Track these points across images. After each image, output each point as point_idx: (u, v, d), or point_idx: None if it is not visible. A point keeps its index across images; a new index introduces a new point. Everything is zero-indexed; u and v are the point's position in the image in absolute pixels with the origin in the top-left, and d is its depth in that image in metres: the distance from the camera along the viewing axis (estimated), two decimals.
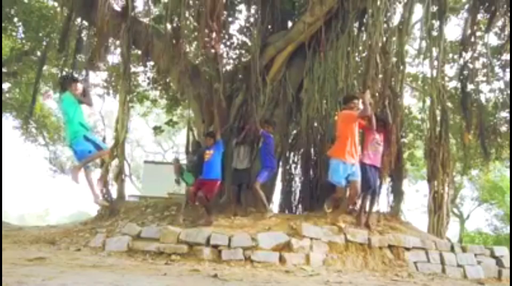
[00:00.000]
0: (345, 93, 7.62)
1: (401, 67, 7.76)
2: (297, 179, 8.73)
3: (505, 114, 11.17)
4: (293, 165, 8.87)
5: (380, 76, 7.43)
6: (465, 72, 9.00)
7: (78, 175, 5.20)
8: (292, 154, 8.94)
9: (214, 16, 7.32)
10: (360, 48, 8.45)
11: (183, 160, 11.03)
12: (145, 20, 9.39)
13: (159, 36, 8.68)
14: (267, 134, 7.22)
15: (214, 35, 7.75)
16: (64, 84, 5.45)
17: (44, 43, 11.79)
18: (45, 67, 12.71)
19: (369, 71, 7.17)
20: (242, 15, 10.52)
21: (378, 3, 7.49)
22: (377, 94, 7.33)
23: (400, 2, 8.93)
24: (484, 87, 10.92)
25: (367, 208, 6.36)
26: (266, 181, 7.35)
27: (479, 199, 23.34)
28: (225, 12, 9.69)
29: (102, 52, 8.41)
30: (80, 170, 5.23)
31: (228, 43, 10.53)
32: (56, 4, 11.11)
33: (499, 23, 9.48)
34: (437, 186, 7.75)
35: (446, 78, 10.33)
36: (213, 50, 8.22)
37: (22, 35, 12.16)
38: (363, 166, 5.95)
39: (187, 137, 9.39)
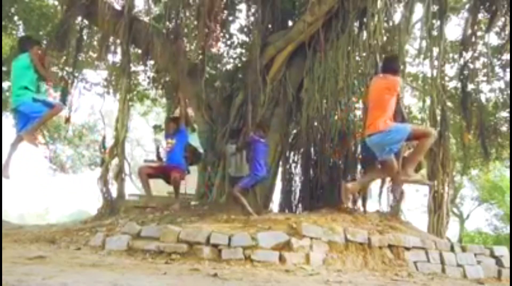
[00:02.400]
0: (346, 92, 7.63)
1: (401, 67, 7.75)
2: (297, 178, 8.73)
3: (505, 114, 11.18)
4: (293, 165, 8.87)
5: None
6: (465, 72, 9.00)
7: (35, 137, 4.79)
8: (292, 153, 8.94)
9: (212, 16, 7.32)
10: (361, 47, 8.45)
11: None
12: (145, 19, 9.40)
13: (159, 35, 8.68)
14: (256, 139, 6.93)
15: (213, 34, 7.75)
16: (25, 45, 4.85)
17: (45, 41, 11.78)
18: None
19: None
20: (242, 14, 10.53)
21: (379, 2, 7.50)
22: None
23: (400, 2, 8.93)
24: (484, 87, 10.94)
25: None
26: (255, 186, 7.16)
27: (479, 199, 23.38)
28: (225, 11, 9.70)
29: (102, 51, 8.41)
30: (36, 132, 4.83)
31: (228, 42, 10.54)
32: (56, 2, 11.12)
33: (500, 23, 9.48)
34: (437, 186, 7.76)
35: (446, 78, 10.34)
36: (213, 49, 8.23)
37: (23, 34, 12.14)
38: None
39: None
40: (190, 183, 8.85)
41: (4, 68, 13.07)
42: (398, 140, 5.26)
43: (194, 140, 6.96)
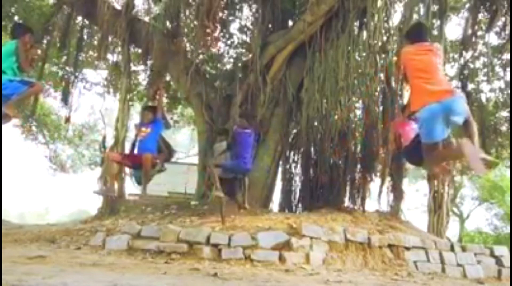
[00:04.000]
0: (346, 92, 7.63)
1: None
2: (297, 178, 8.73)
3: (505, 113, 11.17)
4: (293, 165, 8.87)
5: (381, 75, 7.44)
6: (466, 72, 9.01)
7: (13, 111, 4.70)
8: (292, 153, 8.94)
9: (211, 16, 7.32)
10: (361, 47, 8.45)
11: None
12: (145, 18, 9.39)
13: (159, 34, 8.68)
14: (239, 131, 6.49)
15: (212, 34, 7.75)
16: (17, 31, 4.72)
17: (45, 41, 11.78)
18: (45, 65, 12.70)
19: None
20: (243, 14, 10.53)
21: (379, 2, 7.50)
22: (376, 93, 7.34)
23: (400, 1, 8.93)
24: (484, 86, 10.92)
25: None
26: (238, 179, 6.59)
27: (479, 199, 23.35)
28: (225, 11, 9.70)
29: (102, 51, 8.41)
30: (14, 106, 4.75)
31: (228, 42, 10.53)
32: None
33: (500, 23, 9.48)
34: (437, 185, 7.77)
35: (447, 78, 10.33)
36: (213, 49, 8.23)
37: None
38: None
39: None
40: (190, 183, 8.85)
41: None
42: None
43: (168, 137, 6.45)
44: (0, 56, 4.42)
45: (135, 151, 5.77)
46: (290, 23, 9.32)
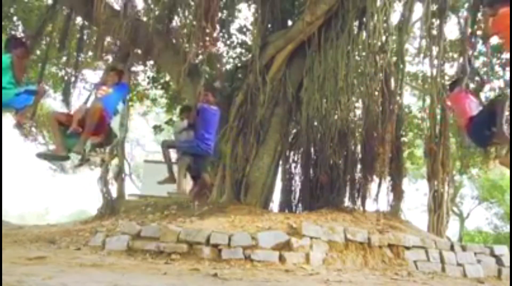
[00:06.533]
0: (345, 92, 7.61)
1: (401, 66, 7.76)
2: (297, 178, 8.73)
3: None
4: (293, 164, 8.87)
5: (380, 74, 7.44)
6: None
7: (25, 118, 4.77)
8: (292, 153, 8.94)
9: (208, 17, 7.31)
10: (360, 47, 8.45)
11: None
12: (145, 19, 9.39)
13: (159, 35, 8.68)
14: (204, 107, 5.48)
15: (211, 35, 7.73)
16: (10, 45, 4.68)
17: (44, 42, 11.77)
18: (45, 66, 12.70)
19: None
20: (242, 14, 10.53)
21: (378, 2, 7.50)
22: (376, 93, 7.33)
23: (400, 1, 8.93)
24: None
25: None
26: (199, 160, 5.58)
27: (479, 198, 23.35)
28: (224, 11, 9.69)
29: (98, 51, 8.40)
30: (25, 115, 4.91)
31: (228, 42, 10.53)
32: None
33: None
34: (437, 185, 7.77)
35: (446, 77, 10.33)
36: (211, 50, 8.21)
37: (22, 34, 12.13)
38: None
39: None
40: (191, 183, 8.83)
41: None
42: None
43: (115, 122, 5.45)
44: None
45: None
46: (290, 23, 9.32)
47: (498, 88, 11.05)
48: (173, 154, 5.79)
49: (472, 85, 5.99)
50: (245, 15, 10.45)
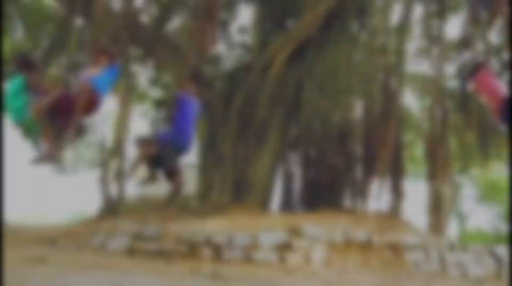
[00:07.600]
0: (346, 91, 7.60)
1: (401, 66, 7.75)
2: (297, 178, 8.72)
3: None
4: (293, 164, 8.86)
5: (380, 74, 7.43)
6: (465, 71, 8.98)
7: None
8: (292, 153, 8.93)
9: (208, 17, 7.30)
10: (360, 47, 8.44)
11: None
12: (146, 19, 9.38)
13: (159, 35, 8.67)
14: (183, 97, 4.81)
15: (211, 36, 7.72)
16: (22, 66, 4.21)
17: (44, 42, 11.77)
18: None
19: None
20: (242, 15, 10.51)
21: (378, 2, 7.49)
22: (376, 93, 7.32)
23: (400, 1, 8.92)
24: None
25: None
26: (170, 158, 4.68)
27: (479, 198, 23.33)
28: (224, 11, 9.67)
29: (97, 51, 8.37)
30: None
31: (227, 42, 10.51)
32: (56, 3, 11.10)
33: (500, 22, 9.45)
34: (437, 185, 7.76)
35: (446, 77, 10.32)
36: (211, 51, 8.20)
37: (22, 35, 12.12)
38: None
39: None
40: (191, 184, 8.83)
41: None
42: None
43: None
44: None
45: None
46: (290, 23, 9.31)
47: None
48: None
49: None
50: (245, 15, 10.43)
